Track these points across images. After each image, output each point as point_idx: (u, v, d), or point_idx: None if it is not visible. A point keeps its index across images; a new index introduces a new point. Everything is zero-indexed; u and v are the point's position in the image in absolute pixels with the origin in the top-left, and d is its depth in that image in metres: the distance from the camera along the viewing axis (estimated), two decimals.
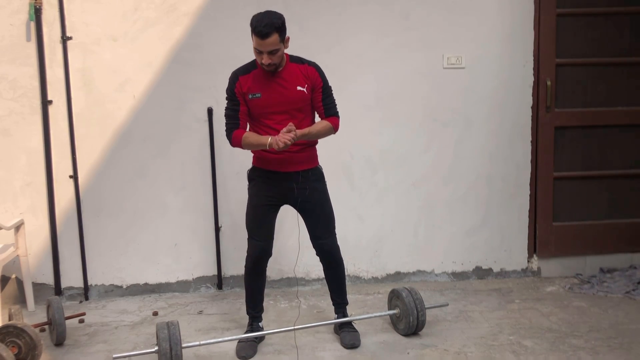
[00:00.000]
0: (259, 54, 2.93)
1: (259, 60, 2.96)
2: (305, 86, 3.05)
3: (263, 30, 2.86)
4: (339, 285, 3.33)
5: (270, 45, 2.89)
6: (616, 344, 3.19)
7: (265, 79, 3.03)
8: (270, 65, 2.95)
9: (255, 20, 2.90)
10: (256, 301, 3.31)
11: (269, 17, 2.90)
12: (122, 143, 3.94)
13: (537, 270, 4.26)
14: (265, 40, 2.87)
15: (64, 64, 3.85)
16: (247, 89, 3.03)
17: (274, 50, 2.92)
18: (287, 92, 3.03)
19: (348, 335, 3.24)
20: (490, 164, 4.16)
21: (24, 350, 2.95)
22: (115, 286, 4.05)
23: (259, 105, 3.04)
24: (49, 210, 3.92)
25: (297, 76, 3.05)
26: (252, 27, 2.90)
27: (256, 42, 2.90)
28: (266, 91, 3.02)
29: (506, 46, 4.08)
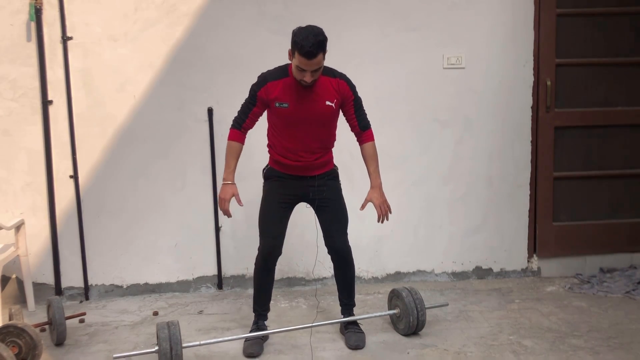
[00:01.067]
0: (301, 71, 2.88)
1: (300, 77, 2.90)
2: (335, 101, 3.04)
3: (311, 51, 2.80)
4: (348, 286, 3.33)
5: (316, 65, 2.86)
6: (616, 344, 3.19)
7: (295, 89, 2.99)
8: (312, 82, 2.93)
9: (301, 38, 2.82)
10: (264, 299, 3.31)
11: (314, 35, 2.82)
12: (122, 143, 3.95)
13: (537, 270, 4.27)
14: (312, 61, 2.82)
15: (64, 64, 3.85)
16: (274, 96, 3.01)
17: (318, 69, 2.89)
18: (316, 106, 3.01)
19: (353, 336, 3.24)
20: (490, 164, 4.17)
21: (24, 350, 2.95)
22: (116, 286, 4.06)
23: (284, 114, 3.03)
24: (49, 210, 3.93)
25: (328, 90, 3.02)
26: (297, 46, 2.82)
27: (301, 62, 2.84)
28: (294, 102, 2.99)
29: (506, 46, 4.08)
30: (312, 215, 3.30)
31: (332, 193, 3.23)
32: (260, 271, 3.25)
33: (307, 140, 3.08)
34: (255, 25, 3.94)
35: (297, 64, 2.87)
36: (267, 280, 3.29)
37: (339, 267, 3.31)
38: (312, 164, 3.13)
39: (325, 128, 3.11)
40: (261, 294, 3.31)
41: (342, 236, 3.24)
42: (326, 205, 3.21)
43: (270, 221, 3.21)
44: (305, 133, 3.05)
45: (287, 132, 3.08)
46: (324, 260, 3.54)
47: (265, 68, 3.93)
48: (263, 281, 3.28)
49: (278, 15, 3.95)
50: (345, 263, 3.29)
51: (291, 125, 3.05)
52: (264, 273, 3.26)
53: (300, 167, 3.13)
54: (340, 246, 3.24)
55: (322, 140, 3.13)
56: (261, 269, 3.24)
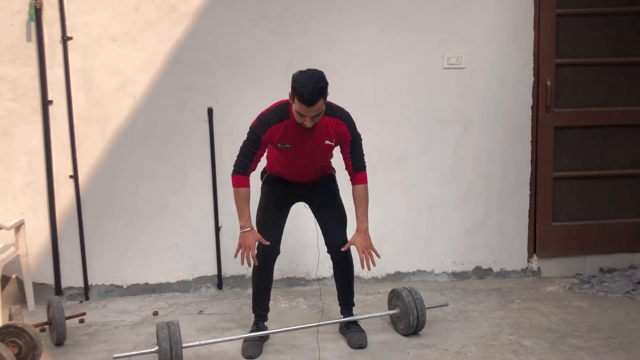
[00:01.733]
0: (301, 116, 2.87)
1: (300, 121, 2.89)
2: (333, 140, 3.08)
3: (311, 99, 2.78)
4: (347, 285, 3.34)
5: (316, 111, 2.84)
6: (616, 344, 3.19)
7: (296, 130, 2.99)
8: (313, 126, 2.94)
9: (301, 85, 2.79)
10: (263, 299, 3.32)
11: (314, 82, 2.79)
12: (122, 143, 3.95)
13: (537, 270, 4.27)
14: (311, 107, 2.81)
15: (64, 64, 3.85)
16: (277, 139, 3.03)
17: (318, 114, 2.89)
18: (315, 145, 3.05)
19: (356, 335, 3.25)
20: (490, 164, 4.17)
21: (24, 350, 2.95)
22: (116, 286, 4.06)
23: (286, 153, 3.08)
24: (49, 210, 3.93)
25: (327, 130, 3.03)
26: (296, 93, 2.80)
27: (300, 108, 2.82)
28: (295, 143, 3.02)
29: (506, 46, 4.08)
30: (312, 216, 3.31)
31: (330, 194, 3.27)
32: (259, 271, 3.26)
33: (306, 169, 3.16)
34: (255, 25, 3.94)
35: (297, 109, 2.86)
36: (266, 280, 3.30)
37: (339, 267, 3.32)
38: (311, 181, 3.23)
39: (324, 159, 3.21)
40: (260, 294, 3.31)
41: (342, 236, 3.26)
42: (325, 206, 3.24)
43: (269, 222, 3.23)
44: (304, 165, 3.14)
45: (288, 165, 3.16)
46: (324, 260, 3.54)
47: (266, 68, 3.96)
48: (262, 281, 3.29)
49: (278, 15, 3.95)
50: (345, 263, 3.30)
51: (292, 160, 3.12)
52: (262, 273, 3.27)
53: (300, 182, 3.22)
54: (341, 245, 3.24)
55: (321, 167, 3.22)
56: (259, 269, 3.24)
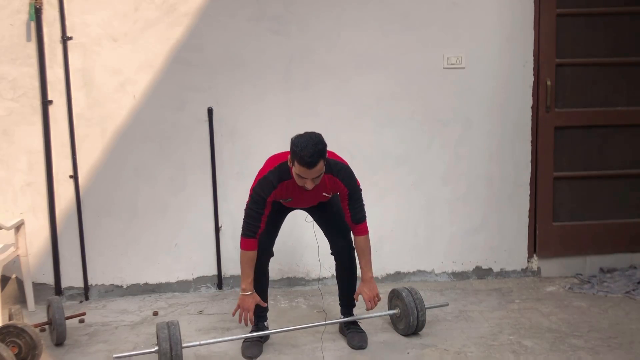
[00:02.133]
0: (302, 179, 2.89)
1: (301, 184, 2.92)
2: (330, 193, 3.13)
3: (311, 161, 2.80)
4: (349, 286, 3.34)
5: (316, 173, 2.86)
6: (616, 344, 3.19)
7: (297, 187, 3.03)
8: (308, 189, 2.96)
9: (300, 148, 2.81)
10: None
11: (313, 144, 2.82)
12: (122, 143, 3.95)
13: (537, 270, 4.27)
14: (312, 170, 2.83)
15: (64, 64, 3.85)
16: (280, 196, 3.09)
17: (318, 176, 2.90)
18: (315, 196, 3.12)
19: (356, 336, 3.25)
20: (490, 164, 4.17)
21: (24, 350, 2.95)
22: (116, 286, 4.06)
23: (288, 204, 3.18)
24: (49, 210, 3.93)
25: (324, 185, 3.06)
26: (296, 156, 2.82)
27: (301, 171, 2.84)
28: (296, 196, 3.09)
29: (506, 46, 4.08)
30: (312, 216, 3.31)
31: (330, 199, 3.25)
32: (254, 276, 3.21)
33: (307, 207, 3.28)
34: (255, 25, 3.94)
35: (297, 172, 2.88)
36: (262, 282, 3.28)
37: (342, 268, 3.31)
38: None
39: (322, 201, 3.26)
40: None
41: (346, 236, 3.26)
42: (325, 208, 3.25)
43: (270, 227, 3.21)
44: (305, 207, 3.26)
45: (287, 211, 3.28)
46: (324, 260, 3.54)
47: (266, 68, 3.97)
48: (257, 283, 3.25)
49: (278, 15, 3.95)
50: (349, 263, 3.29)
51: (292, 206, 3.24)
52: (257, 276, 3.23)
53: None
54: (346, 246, 3.25)
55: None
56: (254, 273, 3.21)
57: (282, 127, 3.94)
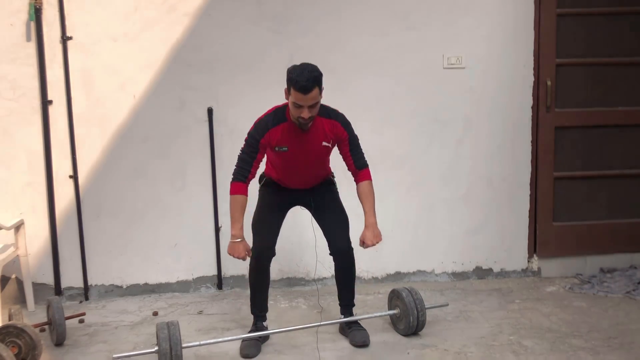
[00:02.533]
0: (298, 108, 2.89)
1: (297, 114, 2.92)
2: (330, 141, 3.11)
3: (306, 86, 2.83)
4: (349, 286, 3.34)
5: (312, 100, 2.87)
6: (616, 344, 3.19)
7: (293, 133, 3.03)
8: (309, 119, 2.94)
9: (296, 74, 2.85)
10: (260, 300, 3.31)
11: (309, 71, 2.87)
12: (122, 143, 3.94)
13: (537, 270, 4.26)
14: (307, 95, 2.84)
15: (64, 64, 3.85)
16: (275, 142, 3.05)
17: (314, 104, 2.91)
18: (312, 147, 3.08)
19: (358, 334, 3.24)
20: (490, 164, 4.17)
21: (24, 350, 2.95)
22: (115, 286, 4.05)
23: (283, 156, 3.09)
24: (49, 210, 3.92)
25: (323, 132, 3.06)
26: (292, 82, 2.86)
27: (297, 97, 2.86)
28: (293, 146, 3.05)
29: (506, 46, 4.08)
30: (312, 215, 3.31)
31: (329, 196, 3.28)
32: (255, 273, 3.26)
33: (304, 174, 3.18)
34: (255, 25, 3.94)
35: (293, 100, 2.89)
36: (263, 281, 3.28)
37: (342, 268, 3.31)
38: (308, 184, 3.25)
39: (321, 162, 3.21)
40: (257, 296, 3.30)
41: (345, 236, 3.26)
42: (324, 208, 3.25)
43: (264, 223, 3.23)
44: (302, 170, 3.15)
45: (285, 170, 3.17)
46: (324, 260, 3.54)
47: (266, 68, 3.96)
48: (258, 283, 3.28)
49: (278, 14, 3.94)
50: (348, 264, 3.29)
51: (289, 165, 3.14)
52: (258, 275, 3.26)
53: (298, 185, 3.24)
54: (345, 247, 3.24)
55: (318, 171, 3.23)
56: (255, 270, 3.25)
57: None
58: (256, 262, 3.23)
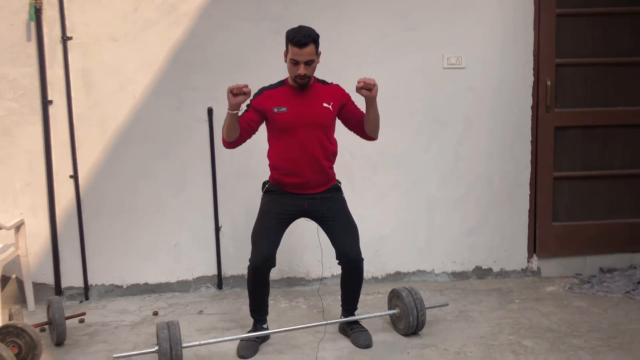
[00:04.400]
0: (295, 64, 2.98)
1: (294, 72, 2.99)
2: (331, 103, 3.12)
3: (302, 40, 2.93)
4: (355, 294, 3.31)
5: (308, 55, 2.95)
6: (616, 344, 3.19)
7: (292, 94, 3.07)
8: (304, 77, 2.99)
9: (293, 32, 2.98)
10: (259, 307, 3.28)
11: (305, 29, 2.99)
12: (122, 143, 3.95)
13: (537, 270, 4.27)
14: (303, 50, 2.94)
15: (64, 64, 3.85)
16: (272, 102, 3.05)
17: (310, 61, 2.98)
18: (314, 108, 3.08)
19: (361, 335, 3.24)
20: (490, 164, 4.17)
21: (24, 350, 2.95)
22: (116, 286, 4.06)
23: (284, 119, 3.06)
24: (49, 210, 3.93)
25: (324, 93, 3.11)
26: (289, 39, 2.97)
27: (293, 53, 2.96)
28: (292, 105, 3.06)
29: (506, 46, 4.08)
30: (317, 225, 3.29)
31: (337, 205, 3.22)
32: (253, 284, 3.20)
33: (309, 146, 3.08)
34: (255, 25, 3.94)
35: (290, 56, 2.98)
36: (262, 290, 3.23)
37: (350, 277, 3.25)
38: (315, 179, 3.14)
39: (324, 132, 3.13)
40: (257, 303, 3.27)
41: (356, 246, 3.20)
42: (333, 218, 3.19)
43: (265, 233, 3.16)
44: (306, 138, 3.07)
45: (288, 140, 3.08)
46: (324, 260, 3.54)
47: (266, 68, 3.95)
48: (257, 292, 3.23)
49: (278, 15, 3.95)
50: (358, 273, 3.24)
51: (291, 131, 3.06)
52: (257, 285, 3.20)
53: (303, 184, 3.13)
54: (356, 257, 3.19)
55: (323, 146, 3.12)
56: (253, 281, 3.19)
57: None
58: (254, 274, 3.16)
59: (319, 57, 3.08)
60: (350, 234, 3.21)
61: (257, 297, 3.25)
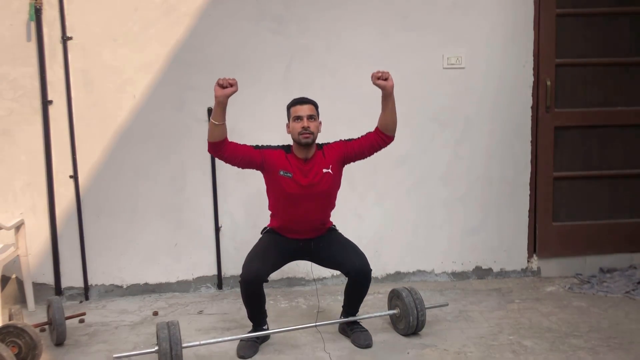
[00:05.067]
0: (298, 120, 3.11)
1: (299, 127, 3.09)
2: (330, 166, 3.17)
3: (302, 99, 3.18)
4: (359, 302, 3.32)
5: (309, 110, 3.12)
6: (616, 344, 3.19)
7: (297, 163, 3.14)
8: (308, 132, 3.07)
9: (293, 99, 3.22)
10: (257, 314, 3.26)
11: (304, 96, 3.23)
12: (122, 143, 3.95)
13: (537, 270, 4.27)
14: (304, 106, 3.13)
15: (64, 64, 3.85)
16: (280, 165, 3.13)
17: (312, 116, 3.12)
18: (316, 176, 3.14)
19: (362, 335, 3.24)
20: (490, 164, 4.17)
21: (24, 350, 2.95)
22: (116, 286, 4.06)
23: (289, 185, 3.12)
24: (49, 210, 3.93)
25: (321, 160, 3.17)
26: (290, 104, 3.19)
27: (295, 110, 3.14)
28: (297, 173, 3.13)
29: (506, 46, 4.08)
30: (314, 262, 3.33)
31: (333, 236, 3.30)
32: (247, 296, 3.16)
33: (310, 212, 3.18)
34: (255, 25, 3.94)
35: (293, 115, 3.14)
36: (257, 300, 3.20)
37: (357, 286, 3.24)
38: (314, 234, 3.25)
39: (327, 198, 3.23)
40: (253, 312, 3.25)
41: (362, 258, 3.21)
42: (329, 246, 3.25)
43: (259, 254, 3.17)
44: (308, 207, 3.16)
45: (291, 206, 3.17)
46: None
47: (266, 68, 3.98)
48: (251, 302, 3.20)
49: (278, 15, 3.95)
50: (365, 282, 3.22)
51: (296, 198, 3.14)
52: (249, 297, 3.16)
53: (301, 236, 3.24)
54: (363, 267, 3.18)
55: (324, 210, 3.25)
56: (245, 294, 3.15)
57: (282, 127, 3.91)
58: (246, 288, 3.13)
59: (321, 126, 3.20)
60: (354, 250, 3.25)
61: (253, 307, 3.22)
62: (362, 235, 4.10)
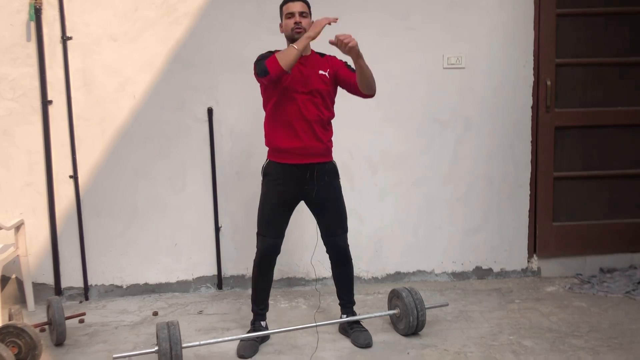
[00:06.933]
0: (291, 17, 3.14)
1: (291, 24, 3.13)
2: (327, 70, 3.21)
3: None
4: (348, 284, 3.36)
5: (301, 7, 3.15)
6: (616, 344, 3.19)
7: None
8: (300, 26, 3.11)
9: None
10: (262, 296, 3.32)
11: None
12: (122, 143, 3.94)
13: (537, 270, 4.27)
14: (296, 3, 3.15)
15: (64, 64, 3.85)
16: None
17: (304, 13, 3.15)
18: (311, 74, 3.17)
19: (361, 335, 3.25)
20: (490, 164, 4.17)
21: (24, 350, 2.95)
22: (115, 286, 4.05)
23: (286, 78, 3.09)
24: (49, 210, 3.92)
25: (319, 62, 3.22)
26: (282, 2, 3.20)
27: (287, 7, 3.16)
28: (294, 70, 3.10)
29: (506, 46, 4.08)
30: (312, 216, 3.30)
31: (333, 192, 3.26)
32: (259, 270, 3.27)
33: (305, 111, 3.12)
34: (255, 25, 3.94)
35: (285, 12, 3.16)
36: (266, 279, 3.30)
37: (339, 265, 3.33)
38: (312, 145, 3.14)
39: (321, 98, 3.18)
40: (259, 292, 3.32)
41: (343, 234, 3.28)
42: (326, 204, 3.24)
43: (270, 222, 3.22)
44: (303, 104, 3.13)
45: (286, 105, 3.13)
46: (324, 260, 3.53)
47: None
48: (261, 280, 3.30)
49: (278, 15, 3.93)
50: (345, 260, 3.32)
51: (292, 92, 3.12)
52: (262, 272, 3.28)
53: (301, 149, 3.13)
54: (342, 244, 3.28)
55: (319, 112, 3.16)
56: (260, 268, 3.26)
57: None
58: (261, 261, 3.24)
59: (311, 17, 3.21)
60: (340, 222, 3.28)
61: (261, 286, 3.30)
62: (362, 235, 4.10)
